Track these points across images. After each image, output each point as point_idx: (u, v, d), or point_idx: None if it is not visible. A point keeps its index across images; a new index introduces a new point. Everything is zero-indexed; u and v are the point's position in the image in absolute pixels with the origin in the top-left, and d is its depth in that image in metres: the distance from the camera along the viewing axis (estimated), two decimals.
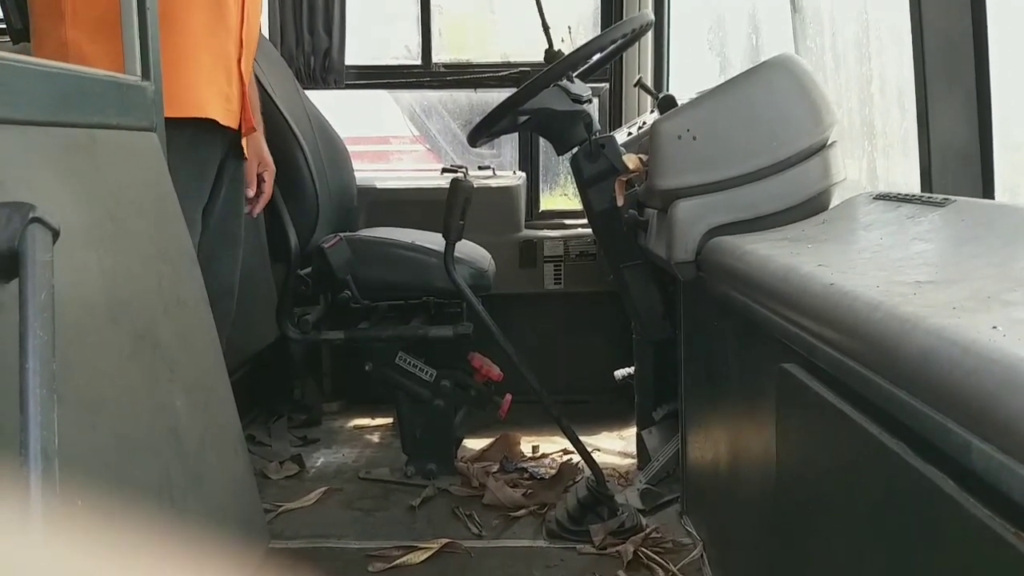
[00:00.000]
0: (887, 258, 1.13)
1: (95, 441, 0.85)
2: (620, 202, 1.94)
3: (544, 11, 2.15)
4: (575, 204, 3.14)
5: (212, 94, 1.69)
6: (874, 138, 2.02)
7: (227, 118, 1.72)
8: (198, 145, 1.68)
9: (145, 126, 1.20)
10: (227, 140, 1.77)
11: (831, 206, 1.62)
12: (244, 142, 1.83)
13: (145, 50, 1.22)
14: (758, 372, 1.37)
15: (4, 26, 2.76)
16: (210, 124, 1.67)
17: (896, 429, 0.81)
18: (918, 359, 0.78)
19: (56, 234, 0.82)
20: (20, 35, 2.77)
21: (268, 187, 1.96)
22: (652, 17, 2.15)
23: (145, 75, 1.22)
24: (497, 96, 3.07)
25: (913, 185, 1.61)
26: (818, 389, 1.00)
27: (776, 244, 1.40)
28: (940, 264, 1.07)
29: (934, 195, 1.34)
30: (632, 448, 2.46)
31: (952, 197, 1.27)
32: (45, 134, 0.95)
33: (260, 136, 1.94)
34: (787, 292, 1.14)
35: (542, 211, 3.22)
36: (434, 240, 2.26)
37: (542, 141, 3.14)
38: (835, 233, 1.41)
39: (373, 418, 2.85)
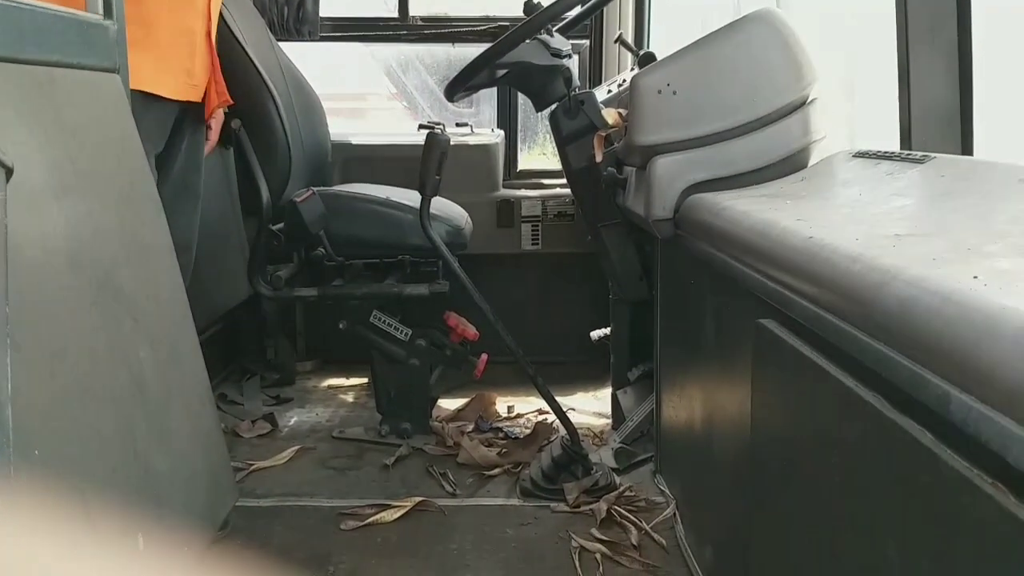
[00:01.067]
0: (866, 213, 1.12)
1: (54, 389, 0.82)
2: (599, 157, 1.91)
3: None
4: (554, 163, 3.11)
5: (168, 69, 1.69)
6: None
7: (187, 92, 1.71)
8: (155, 99, 1.66)
9: (107, 67, 1.16)
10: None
11: (810, 164, 1.61)
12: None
13: None
14: (735, 329, 1.36)
15: None
16: None
17: (873, 382, 0.80)
18: (897, 310, 0.77)
19: (9, 172, 0.79)
20: None
21: (213, 134, 1.95)
22: None
23: (107, 14, 1.17)
24: (476, 51, 3.00)
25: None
26: (794, 344, 0.99)
27: (755, 200, 1.39)
28: (920, 218, 1.06)
29: (913, 152, 1.33)
30: (607, 408, 2.46)
31: (932, 154, 1.26)
32: (0, 70, 0.90)
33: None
34: (765, 247, 1.13)
35: (520, 170, 3.18)
36: (410, 196, 2.22)
37: (521, 99, 3.09)
38: (814, 190, 1.40)
39: (347, 378, 2.83)
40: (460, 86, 2.08)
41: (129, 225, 1.07)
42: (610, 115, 1.85)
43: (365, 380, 2.76)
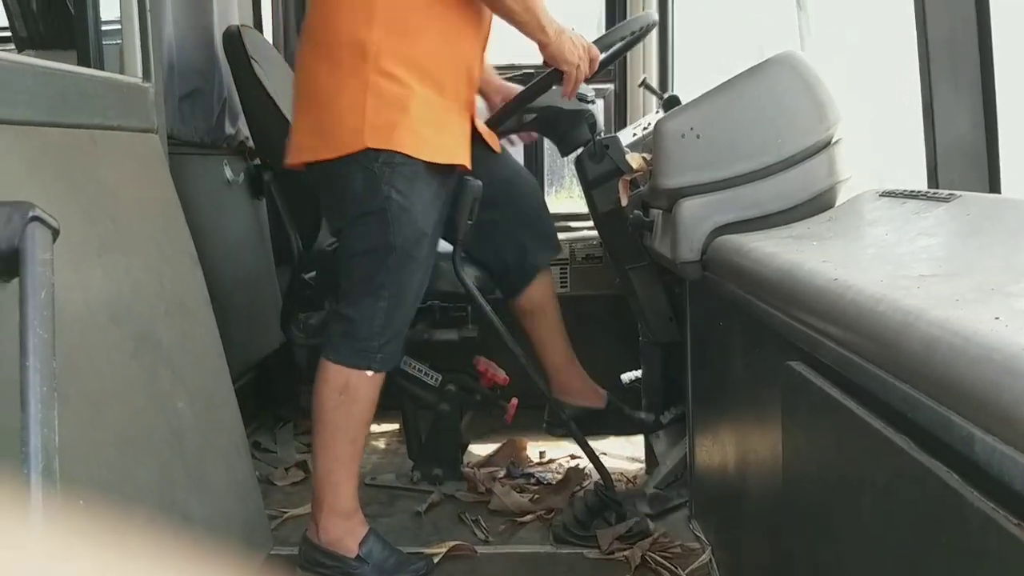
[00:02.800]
0: (892, 253, 1.12)
1: (96, 440, 0.85)
2: (624, 201, 1.93)
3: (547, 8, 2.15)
4: (580, 206, 3.13)
5: (462, 143, 1.84)
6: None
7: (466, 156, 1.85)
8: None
9: (146, 127, 1.20)
10: None
11: (837, 203, 1.61)
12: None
13: (146, 52, 1.22)
14: (764, 371, 1.36)
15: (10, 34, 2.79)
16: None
17: (900, 423, 0.80)
18: (921, 351, 0.78)
19: (56, 233, 0.82)
20: (24, 43, 2.79)
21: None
22: (656, 17, 2.14)
23: (146, 76, 1.22)
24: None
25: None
26: (822, 386, 0.99)
27: (781, 242, 1.39)
28: (945, 258, 1.06)
29: (940, 191, 1.33)
30: (640, 452, 2.45)
31: (958, 192, 1.26)
32: (44, 135, 0.95)
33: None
34: (790, 289, 1.13)
35: None
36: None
37: (547, 143, 3.13)
38: (840, 230, 1.40)
39: (378, 423, 2.84)
40: (504, 119, 2.12)
41: (167, 280, 1.11)
42: (635, 160, 1.88)
43: (396, 426, 2.77)
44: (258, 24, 3.01)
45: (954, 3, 1.48)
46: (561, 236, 2.97)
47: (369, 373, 1.72)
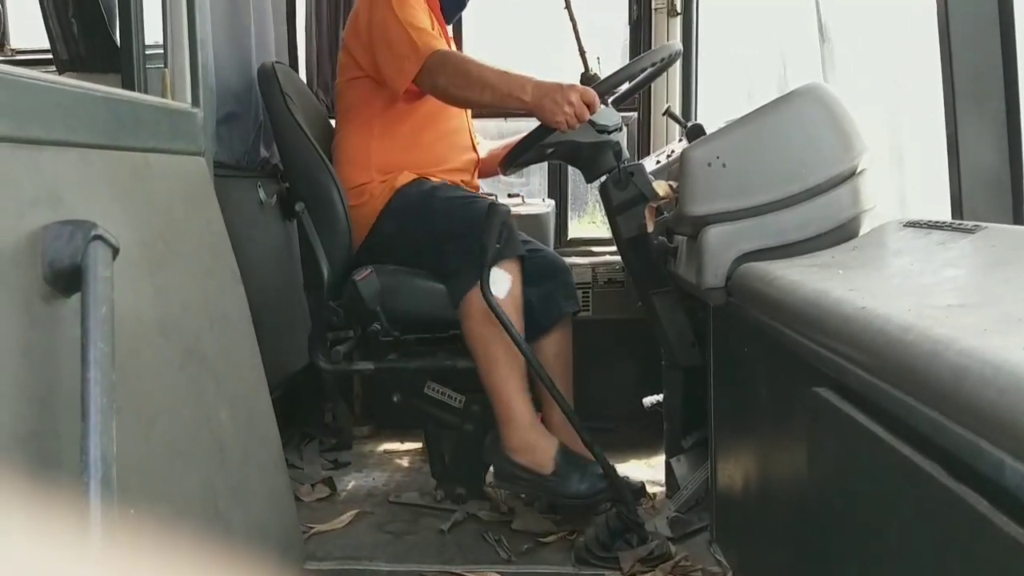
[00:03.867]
0: (918, 283, 1.14)
1: (148, 451, 0.88)
2: (650, 228, 1.96)
3: (580, 35, 2.20)
4: (603, 231, 3.16)
5: None
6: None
7: None
8: None
9: (194, 150, 1.25)
10: None
11: (861, 233, 1.63)
12: None
13: (195, 79, 1.27)
14: (789, 397, 1.38)
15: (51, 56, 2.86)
16: None
17: (929, 450, 0.82)
18: (950, 379, 0.80)
19: (116, 251, 0.86)
20: (65, 66, 2.87)
21: None
22: (680, 47, 2.18)
23: (195, 103, 1.27)
24: (527, 125, 3.11)
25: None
26: (850, 412, 1.01)
27: (807, 270, 1.42)
28: (971, 289, 1.08)
29: (964, 222, 1.35)
30: (661, 476, 2.45)
31: (983, 224, 1.29)
32: (103, 157, 0.99)
33: None
34: (818, 316, 1.15)
35: (571, 238, 3.25)
36: None
37: (571, 168, 3.17)
38: (866, 259, 1.42)
39: (403, 442, 2.87)
40: (512, 161, 2.17)
41: (212, 295, 1.14)
42: (661, 187, 1.91)
43: (419, 445, 2.79)
44: (292, 61, 3.10)
45: (979, 36, 1.51)
46: (583, 260, 3.01)
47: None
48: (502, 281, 2.08)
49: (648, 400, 2.50)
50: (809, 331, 1.18)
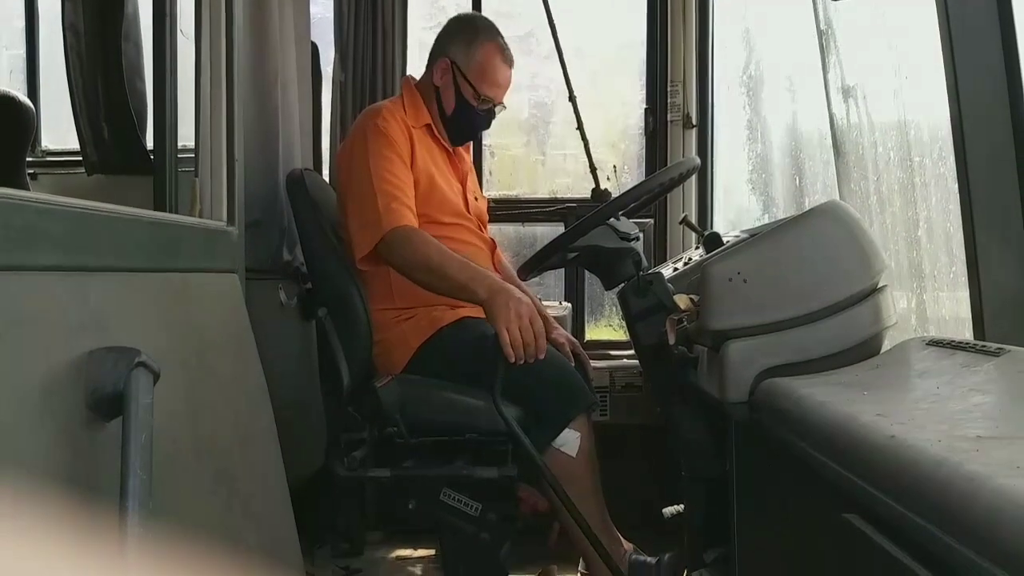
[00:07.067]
0: (946, 409, 1.14)
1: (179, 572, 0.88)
2: (671, 339, 1.97)
3: (591, 153, 2.27)
4: (620, 335, 3.18)
5: None
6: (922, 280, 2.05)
7: None
8: None
9: (228, 267, 1.28)
10: None
11: (883, 350, 1.64)
12: None
13: (231, 199, 1.31)
14: (817, 520, 1.36)
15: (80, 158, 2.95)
16: None
17: None
18: (984, 519, 0.79)
19: (157, 376, 0.88)
20: (95, 168, 2.95)
21: None
22: (699, 160, 2.24)
23: (230, 221, 1.31)
24: (543, 230, 3.18)
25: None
26: (881, 542, 1.00)
27: (831, 389, 1.41)
28: (1000, 418, 1.08)
29: (988, 343, 1.36)
30: None
31: (1007, 347, 1.29)
32: (145, 280, 1.02)
33: None
34: (845, 443, 1.15)
35: (587, 341, 3.26)
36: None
37: (587, 273, 3.21)
38: (890, 379, 1.42)
39: (416, 548, 2.82)
40: (533, 267, 2.20)
41: (242, 414, 1.16)
42: (682, 300, 1.92)
43: (433, 551, 2.74)
44: (317, 165, 3.19)
45: (997, 163, 1.54)
46: (601, 364, 3.01)
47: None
48: (573, 440, 2.09)
49: (668, 510, 2.46)
50: (837, 456, 1.18)
